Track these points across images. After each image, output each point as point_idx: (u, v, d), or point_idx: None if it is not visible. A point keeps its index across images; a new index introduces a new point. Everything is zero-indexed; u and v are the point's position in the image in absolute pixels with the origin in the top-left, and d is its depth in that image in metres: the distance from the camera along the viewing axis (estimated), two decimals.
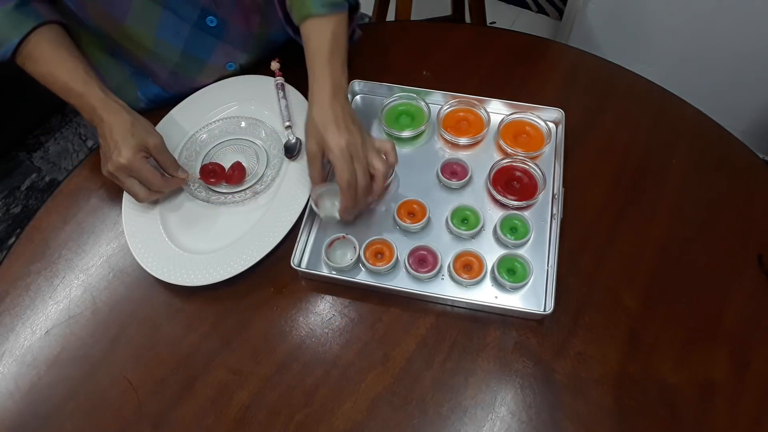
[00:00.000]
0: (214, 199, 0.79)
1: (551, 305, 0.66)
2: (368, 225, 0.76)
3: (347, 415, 0.64)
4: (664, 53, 1.60)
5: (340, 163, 0.66)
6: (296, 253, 0.72)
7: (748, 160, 0.82)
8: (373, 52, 0.96)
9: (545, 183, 0.77)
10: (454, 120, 0.84)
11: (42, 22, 0.73)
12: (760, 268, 0.72)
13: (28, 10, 0.73)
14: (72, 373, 0.68)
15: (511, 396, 0.64)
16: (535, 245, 0.74)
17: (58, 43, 0.74)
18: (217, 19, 0.82)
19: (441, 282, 0.72)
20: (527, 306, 0.69)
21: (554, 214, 0.75)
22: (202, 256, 0.73)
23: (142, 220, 0.77)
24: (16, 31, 0.71)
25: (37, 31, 0.73)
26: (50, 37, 0.74)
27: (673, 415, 0.62)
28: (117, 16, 0.77)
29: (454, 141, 0.82)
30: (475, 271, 0.71)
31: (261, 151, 0.83)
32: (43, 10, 0.74)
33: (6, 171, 1.86)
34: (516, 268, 0.71)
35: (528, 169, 0.78)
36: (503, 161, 0.79)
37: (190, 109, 0.87)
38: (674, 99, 0.88)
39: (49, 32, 0.74)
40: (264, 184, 0.79)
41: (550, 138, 0.81)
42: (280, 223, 0.75)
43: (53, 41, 0.74)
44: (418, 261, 0.72)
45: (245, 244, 0.73)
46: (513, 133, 0.82)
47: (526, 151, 0.80)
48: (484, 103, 0.84)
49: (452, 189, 0.79)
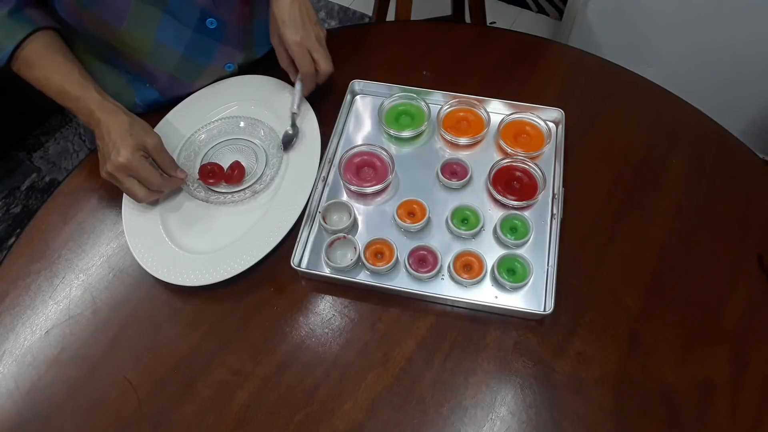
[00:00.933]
0: (213, 199, 0.79)
1: (551, 305, 0.66)
2: (368, 225, 0.76)
3: (347, 415, 0.64)
4: (664, 53, 1.60)
5: (298, 56, 0.78)
6: (296, 253, 0.72)
7: (748, 160, 0.82)
8: (373, 52, 0.96)
9: (545, 183, 0.76)
10: (454, 120, 0.84)
11: (36, 29, 0.73)
12: (760, 268, 0.72)
13: (22, 16, 0.73)
14: (72, 373, 0.68)
15: (511, 396, 0.64)
16: (535, 245, 0.74)
17: (53, 48, 0.75)
18: (217, 20, 0.82)
19: (441, 282, 0.71)
20: (527, 306, 0.69)
21: (554, 214, 0.75)
22: (202, 256, 0.73)
23: (142, 220, 0.77)
24: (10, 39, 0.72)
25: (32, 38, 0.73)
26: (45, 43, 0.74)
27: (673, 415, 0.62)
28: (114, 22, 0.77)
29: (454, 141, 0.82)
30: (475, 271, 0.71)
31: (260, 150, 0.83)
32: (37, 17, 0.74)
33: (6, 171, 1.86)
34: (516, 268, 0.71)
35: (528, 169, 0.78)
36: (503, 161, 0.79)
37: (188, 110, 0.87)
38: (674, 99, 0.88)
39: (44, 38, 0.74)
40: (263, 184, 0.79)
41: (550, 138, 0.81)
42: (280, 223, 0.75)
43: (48, 47, 0.74)
44: (418, 261, 0.72)
45: (245, 244, 0.73)
46: (513, 133, 0.82)
47: (526, 151, 0.80)
48: (484, 103, 0.84)
49: (452, 189, 0.79)
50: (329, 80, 0.83)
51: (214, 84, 0.89)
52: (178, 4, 0.78)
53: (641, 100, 0.89)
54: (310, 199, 0.76)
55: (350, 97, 0.88)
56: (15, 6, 0.72)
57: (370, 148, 0.80)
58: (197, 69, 0.87)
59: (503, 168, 0.79)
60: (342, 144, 0.84)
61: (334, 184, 0.80)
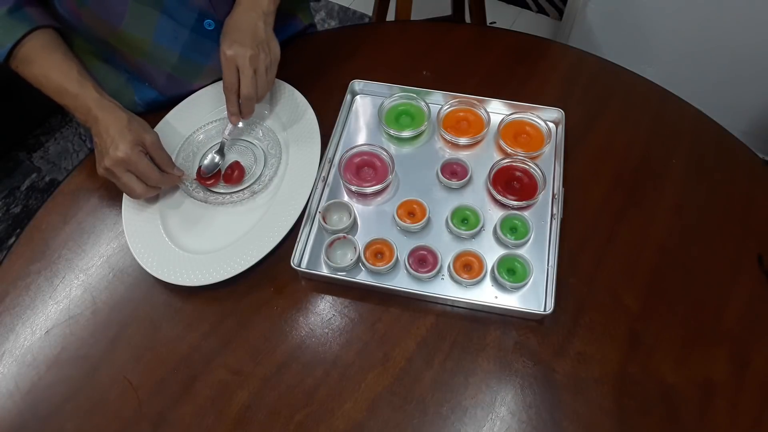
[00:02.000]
0: (212, 200, 0.79)
1: (551, 305, 0.66)
2: (368, 225, 0.76)
3: (347, 415, 0.64)
4: (664, 53, 1.60)
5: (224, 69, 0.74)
6: (296, 253, 0.72)
7: (748, 160, 0.82)
8: (373, 52, 0.96)
9: (545, 183, 0.76)
10: (454, 120, 0.84)
11: (35, 27, 0.73)
12: (760, 268, 0.72)
13: (21, 14, 0.73)
14: (72, 373, 0.68)
15: (511, 396, 0.64)
16: (535, 245, 0.74)
17: (51, 46, 0.74)
18: (215, 22, 0.82)
19: (441, 282, 0.71)
20: (527, 306, 0.69)
21: (554, 214, 0.75)
22: (202, 256, 0.73)
23: (141, 220, 0.77)
24: (9, 36, 0.72)
25: (31, 36, 0.73)
26: (44, 41, 0.74)
27: (673, 415, 0.62)
28: (112, 21, 0.77)
29: (454, 141, 0.82)
30: (475, 271, 0.71)
31: (258, 151, 0.83)
32: (36, 15, 0.74)
33: (6, 171, 1.86)
34: (516, 268, 0.71)
35: (528, 169, 0.78)
36: (503, 161, 0.79)
37: (187, 110, 0.87)
38: (674, 99, 0.88)
39: (43, 36, 0.74)
40: (262, 184, 0.79)
41: (550, 138, 0.81)
42: (280, 223, 0.75)
43: (47, 45, 0.74)
44: (418, 261, 0.72)
45: (245, 244, 0.73)
46: (513, 133, 0.82)
47: (526, 151, 0.80)
48: (484, 103, 0.84)
49: (452, 189, 0.79)
50: (329, 80, 0.83)
51: (214, 84, 0.89)
52: (175, 5, 0.78)
53: (641, 100, 0.89)
54: (310, 199, 0.76)
55: (350, 97, 0.88)
56: (14, 4, 0.72)
57: (370, 148, 0.80)
58: (196, 69, 0.87)
59: (503, 168, 0.79)
60: (342, 144, 0.84)
61: (334, 184, 0.80)
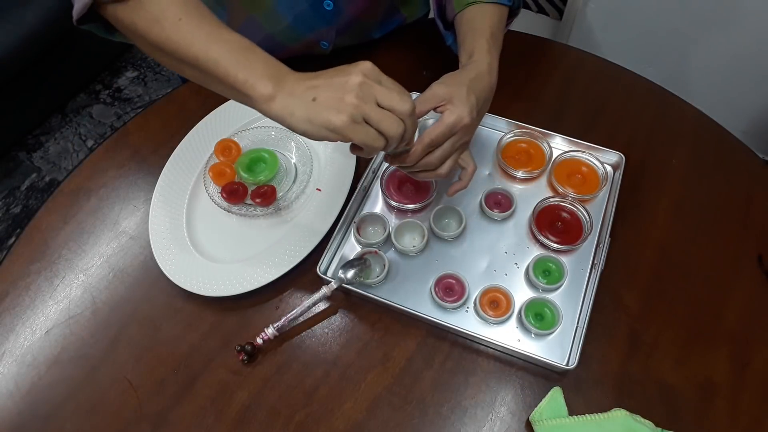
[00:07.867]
0: (235, 210, 0.77)
1: (575, 360, 0.63)
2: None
3: (347, 415, 0.64)
4: (664, 53, 1.60)
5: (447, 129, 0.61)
6: (323, 260, 0.71)
7: (748, 160, 0.82)
8: (374, 52, 0.96)
9: (591, 229, 0.73)
10: (514, 150, 0.80)
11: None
12: (760, 268, 0.72)
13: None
14: (72, 373, 0.68)
15: (511, 396, 0.64)
16: (568, 293, 0.70)
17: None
18: (334, 4, 0.80)
19: (465, 314, 0.69)
20: (549, 356, 0.65)
21: (596, 263, 0.70)
22: (221, 266, 0.72)
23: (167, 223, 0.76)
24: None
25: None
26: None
27: (673, 415, 0.62)
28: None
29: (511, 173, 0.79)
30: (502, 309, 0.68)
31: (289, 164, 0.81)
32: None
33: (6, 171, 1.86)
34: (545, 314, 0.68)
35: (575, 212, 0.74)
36: (552, 199, 0.75)
37: (223, 115, 0.86)
38: (674, 99, 0.88)
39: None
40: (287, 201, 0.77)
41: (606, 182, 0.77)
42: (302, 244, 0.73)
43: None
44: (445, 289, 0.70)
45: (268, 256, 0.72)
46: (567, 171, 0.78)
47: (578, 192, 0.76)
48: (546, 136, 0.81)
49: (494, 220, 0.76)
50: None
51: None
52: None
53: (641, 100, 0.89)
54: (344, 211, 0.74)
55: None
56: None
57: None
58: (295, 38, 0.85)
59: (550, 206, 0.75)
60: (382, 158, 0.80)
61: (372, 196, 0.79)
